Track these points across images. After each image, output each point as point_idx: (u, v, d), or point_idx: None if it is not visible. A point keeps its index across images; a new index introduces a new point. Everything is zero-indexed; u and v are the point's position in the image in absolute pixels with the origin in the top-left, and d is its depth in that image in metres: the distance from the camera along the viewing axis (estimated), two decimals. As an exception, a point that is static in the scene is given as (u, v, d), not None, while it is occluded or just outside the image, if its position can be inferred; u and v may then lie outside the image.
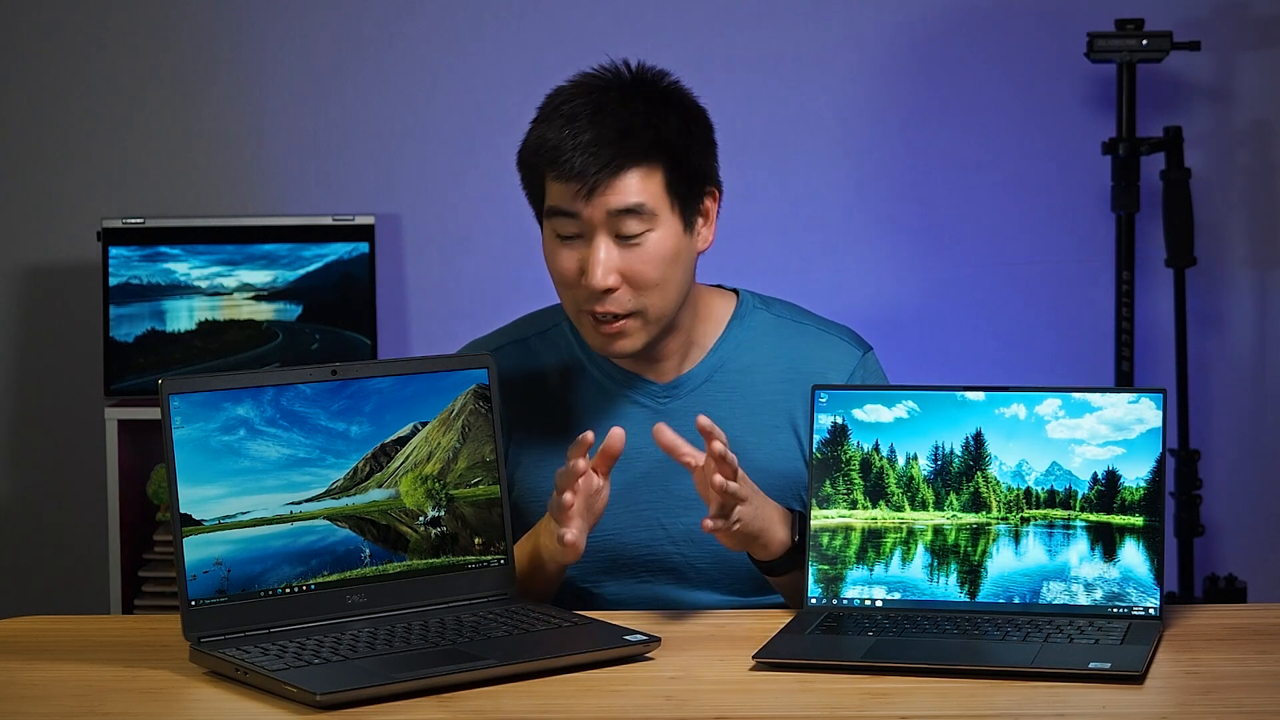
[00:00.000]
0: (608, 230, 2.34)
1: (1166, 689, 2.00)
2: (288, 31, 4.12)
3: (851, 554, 2.26)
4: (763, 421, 2.44)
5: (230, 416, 2.16)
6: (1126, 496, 2.21)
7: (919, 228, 4.11)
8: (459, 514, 2.27)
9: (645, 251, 2.35)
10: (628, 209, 2.34)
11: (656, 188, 2.35)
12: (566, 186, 2.34)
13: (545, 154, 2.36)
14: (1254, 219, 4.11)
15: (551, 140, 2.35)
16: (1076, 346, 4.10)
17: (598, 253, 2.34)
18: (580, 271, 2.35)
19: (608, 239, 2.35)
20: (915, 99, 4.09)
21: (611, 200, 2.33)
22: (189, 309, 3.99)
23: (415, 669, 2.03)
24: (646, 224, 2.35)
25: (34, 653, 2.20)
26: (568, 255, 2.37)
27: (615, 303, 2.35)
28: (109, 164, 4.14)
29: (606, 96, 2.36)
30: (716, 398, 2.45)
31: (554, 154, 2.34)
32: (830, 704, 1.97)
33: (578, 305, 2.38)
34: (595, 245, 2.35)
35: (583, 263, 2.35)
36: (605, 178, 2.33)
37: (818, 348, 2.48)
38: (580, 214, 2.34)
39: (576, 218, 2.34)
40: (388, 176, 4.13)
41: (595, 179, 2.32)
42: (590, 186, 2.33)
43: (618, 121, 2.34)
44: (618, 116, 2.35)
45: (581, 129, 2.34)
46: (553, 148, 2.34)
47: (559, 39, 4.10)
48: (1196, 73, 4.07)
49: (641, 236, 2.35)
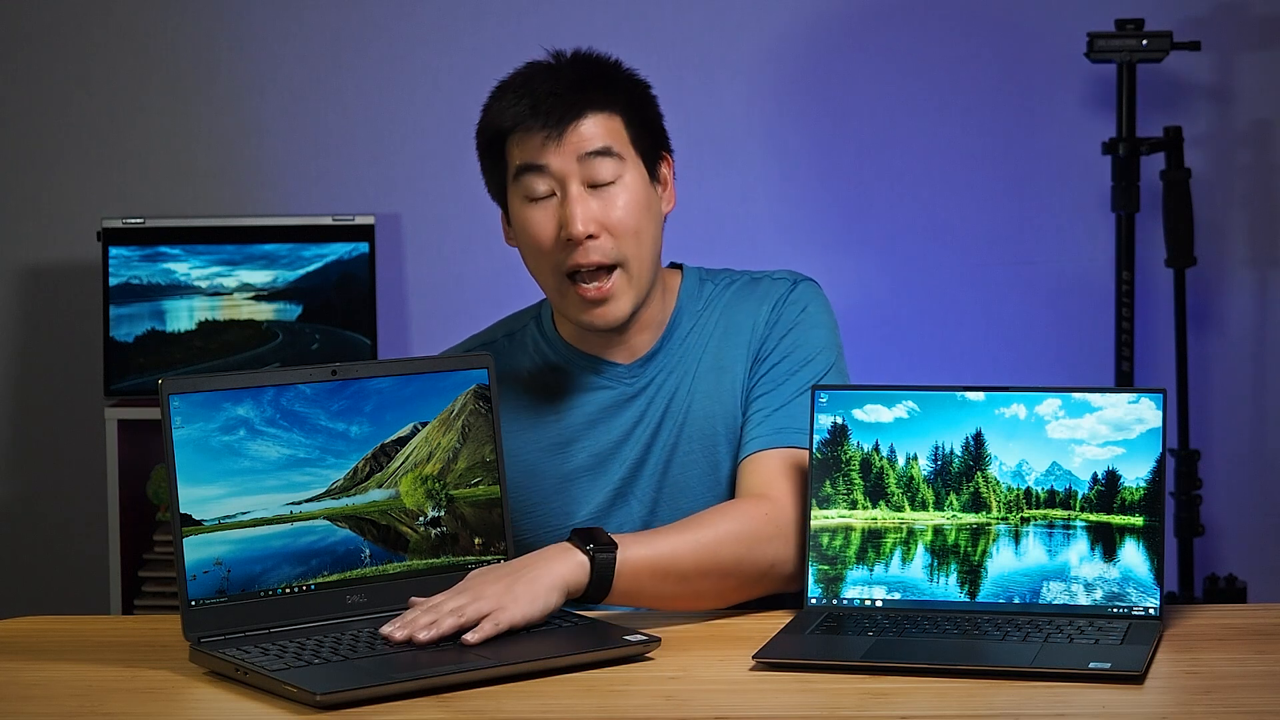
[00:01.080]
0: (580, 179, 2.36)
1: (1166, 689, 2.00)
2: (288, 31, 4.12)
3: (851, 554, 2.26)
4: (710, 382, 2.46)
5: (230, 416, 2.15)
6: (1126, 496, 2.21)
7: (919, 228, 4.11)
8: (459, 514, 2.27)
9: (620, 196, 2.37)
10: (597, 150, 2.36)
11: (619, 134, 2.38)
12: (534, 136, 2.35)
13: (507, 116, 2.37)
14: (1254, 219, 4.11)
15: (510, 103, 2.37)
16: (1076, 346, 4.10)
17: (574, 203, 2.36)
18: (558, 229, 2.36)
19: (581, 187, 2.36)
20: (915, 99, 4.09)
21: (581, 143, 2.36)
22: (189, 309, 3.99)
23: (415, 669, 2.03)
24: (617, 169, 2.37)
25: (34, 653, 2.20)
26: (542, 216, 2.38)
27: (598, 251, 2.36)
28: (109, 164, 4.14)
29: (557, 63, 2.41)
30: (676, 370, 2.46)
31: (517, 112, 2.36)
32: (830, 704, 1.97)
33: (559, 269, 2.38)
34: (570, 195, 2.36)
35: (560, 219, 2.36)
36: (571, 118, 2.35)
37: (748, 294, 2.49)
38: (550, 165, 2.35)
39: (546, 170, 2.36)
40: (388, 176, 4.13)
41: (562, 121, 2.35)
42: (560, 130, 2.35)
43: (572, 74, 2.39)
44: (572, 71, 2.39)
45: (539, 84, 2.37)
46: (514, 106, 2.36)
47: (559, 39, 4.09)
48: (1196, 73, 4.07)
49: (614, 182, 2.37)
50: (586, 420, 2.45)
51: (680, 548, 2.26)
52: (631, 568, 2.22)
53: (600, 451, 2.45)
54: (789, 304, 2.47)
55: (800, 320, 2.46)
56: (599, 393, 2.46)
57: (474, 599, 2.13)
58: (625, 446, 2.45)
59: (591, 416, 2.45)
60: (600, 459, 2.45)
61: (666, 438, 2.45)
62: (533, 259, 2.41)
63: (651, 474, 2.45)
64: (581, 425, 2.45)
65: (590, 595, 2.22)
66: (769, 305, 2.47)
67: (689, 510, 2.38)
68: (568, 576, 2.19)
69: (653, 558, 2.24)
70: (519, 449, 2.44)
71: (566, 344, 2.47)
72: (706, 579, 2.27)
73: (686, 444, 2.44)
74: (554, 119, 2.35)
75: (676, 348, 2.47)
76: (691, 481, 2.44)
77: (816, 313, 2.47)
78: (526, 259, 2.43)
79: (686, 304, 2.49)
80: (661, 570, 2.24)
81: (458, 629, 2.11)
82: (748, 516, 2.30)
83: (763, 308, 2.47)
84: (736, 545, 2.28)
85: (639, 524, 2.43)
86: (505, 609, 2.13)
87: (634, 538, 2.25)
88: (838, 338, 2.47)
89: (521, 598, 2.15)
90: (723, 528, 2.29)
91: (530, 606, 2.15)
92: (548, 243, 2.37)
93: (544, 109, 2.35)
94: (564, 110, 2.35)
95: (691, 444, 2.44)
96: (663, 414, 2.45)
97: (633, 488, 2.45)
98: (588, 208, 2.35)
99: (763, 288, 2.49)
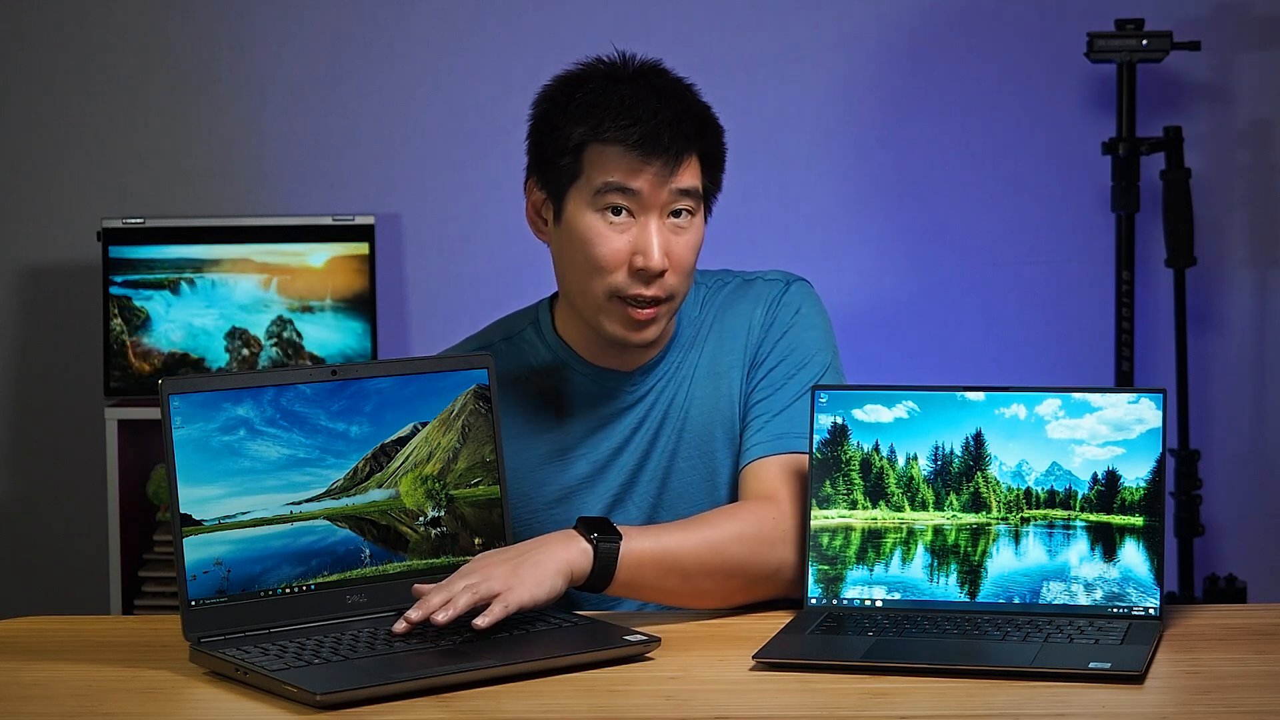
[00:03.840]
0: (661, 212, 2.34)
1: (1166, 689, 2.00)
2: (288, 31, 4.12)
3: (851, 554, 2.26)
4: (707, 388, 2.45)
5: (230, 416, 2.15)
6: (1126, 496, 2.21)
7: (919, 228, 4.11)
8: (459, 514, 2.27)
9: (688, 236, 2.36)
10: (686, 190, 2.35)
11: (699, 176, 2.37)
12: (640, 161, 2.32)
13: (611, 133, 2.33)
14: (1254, 219, 4.11)
15: (614, 119, 2.33)
16: (1076, 346, 4.10)
17: (656, 234, 2.34)
18: (630, 253, 2.34)
19: (660, 220, 2.35)
20: (915, 99, 4.09)
21: (676, 181, 2.34)
22: (189, 309, 4.00)
23: (415, 669, 2.03)
24: (693, 209, 2.37)
25: (34, 653, 2.20)
26: (616, 237, 2.34)
27: (660, 285, 2.35)
28: (109, 164, 4.14)
29: (660, 85, 2.37)
30: (675, 377, 2.46)
31: (623, 135, 2.33)
32: (830, 704, 1.97)
33: (613, 291, 2.35)
34: (651, 226, 2.34)
35: (635, 245, 2.34)
36: (679, 158, 2.34)
37: (741, 297, 2.49)
38: (641, 192, 2.33)
39: (636, 196, 2.33)
40: (388, 176, 4.13)
41: (671, 160, 2.33)
42: (668, 169, 2.33)
43: (686, 105, 2.36)
44: (683, 101, 2.36)
45: (658, 108, 2.34)
46: (618, 126, 2.33)
47: (559, 39, 4.10)
48: (1196, 73, 4.07)
49: (688, 220, 2.36)
50: (586, 429, 2.45)
51: (685, 544, 2.26)
52: (635, 559, 2.23)
53: (599, 460, 2.44)
54: (783, 306, 2.47)
55: (795, 322, 2.46)
56: (599, 401, 2.45)
57: (484, 579, 2.14)
58: (624, 454, 2.44)
59: (591, 425, 2.45)
60: (599, 467, 2.44)
61: (665, 444, 2.44)
62: (584, 271, 2.37)
63: (650, 481, 2.44)
64: (581, 434, 2.45)
65: (592, 584, 2.23)
66: (763, 308, 2.47)
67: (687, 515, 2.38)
68: (571, 562, 2.20)
69: (656, 551, 2.24)
70: (518, 458, 2.43)
71: (568, 349, 2.46)
72: (710, 577, 2.27)
73: (685, 450, 2.44)
74: (666, 156, 2.32)
75: (676, 355, 2.46)
76: (690, 487, 2.44)
77: (810, 314, 2.47)
78: (572, 267, 2.39)
79: (686, 311, 2.48)
80: (665, 564, 2.24)
81: (472, 606, 2.11)
82: (756, 518, 2.30)
83: (756, 310, 2.47)
84: (742, 545, 2.28)
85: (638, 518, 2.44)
86: (513, 590, 2.14)
87: (640, 530, 2.26)
88: (833, 337, 2.47)
89: (528, 580, 2.15)
90: (730, 528, 2.29)
91: (537, 589, 2.15)
92: (613, 263, 2.35)
93: (660, 143, 2.32)
94: (677, 149, 2.32)
95: (690, 450, 2.44)
96: (661, 420, 2.45)
97: (631, 494, 2.44)
98: (665, 241, 2.34)
99: (755, 290, 2.49)
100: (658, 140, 2.32)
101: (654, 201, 2.34)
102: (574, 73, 2.41)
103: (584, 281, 2.37)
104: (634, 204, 2.34)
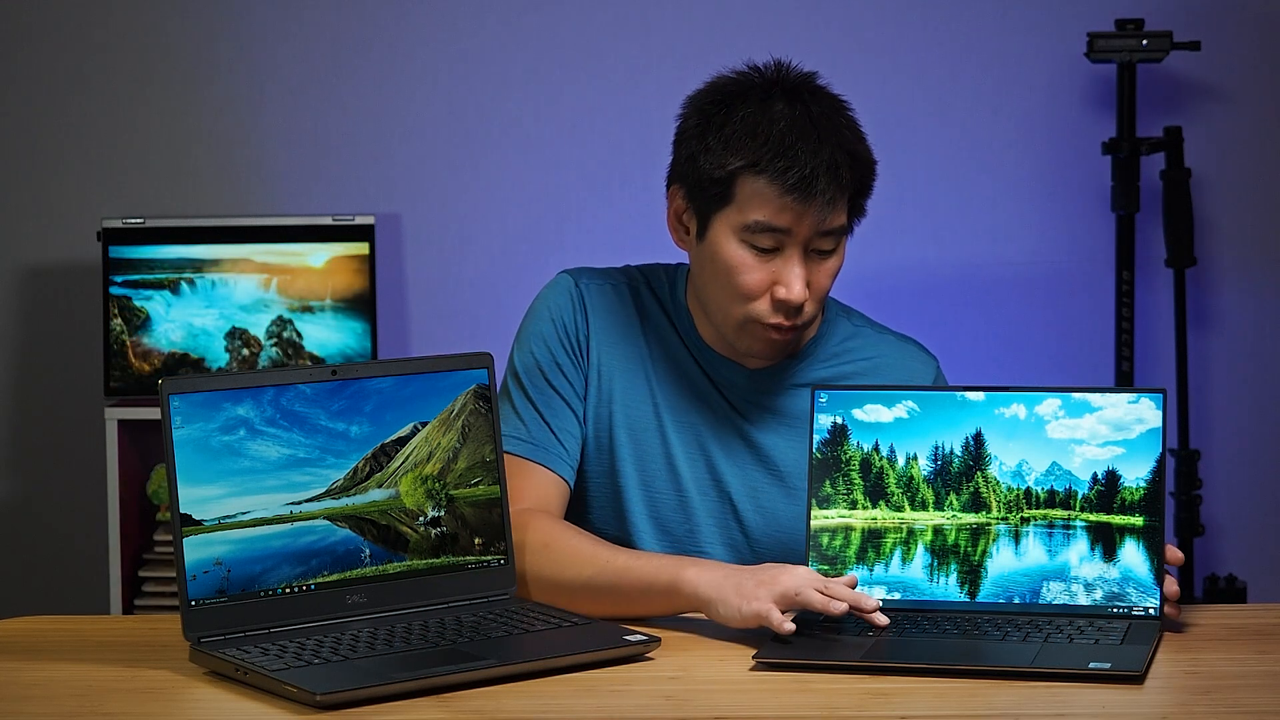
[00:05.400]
0: (805, 246, 2.34)
1: (1166, 689, 2.00)
2: (288, 31, 4.12)
3: (851, 554, 2.26)
4: None
5: (230, 416, 2.15)
6: (1126, 496, 2.21)
7: (919, 227, 4.11)
8: (459, 514, 2.27)
9: (829, 264, 2.37)
10: (832, 231, 2.35)
11: (845, 212, 2.37)
12: (794, 203, 2.32)
13: (767, 168, 2.32)
14: (1254, 219, 4.11)
15: (782, 159, 2.31)
16: (1076, 346, 4.10)
17: (799, 266, 2.34)
18: (770, 282, 2.34)
19: (803, 254, 2.35)
20: (915, 98, 4.09)
21: (826, 222, 2.34)
22: (189, 309, 4.00)
23: (415, 669, 2.03)
24: (836, 245, 2.37)
25: (34, 653, 2.20)
26: (760, 268, 2.35)
27: (799, 315, 2.36)
28: (109, 164, 4.14)
29: (820, 117, 2.35)
30: (799, 394, 2.46)
31: (779, 174, 2.31)
32: (830, 704, 1.97)
33: (754, 317, 2.37)
34: (795, 260, 2.34)
35: (775, 276, 2.34)
36: (838, 200, 2.33)
37: (899, 357, 2.50)
38: (791, 229, 2.33)
39: (787, 233, 2.33)
40: (388, 176, 4.13)
41: (832, 200, 2.32)
42: (827, 209, 2.32)
43: (844, 145, 2.35)
44: (841, 140, 2.35)
45: (817, 148, 2.32)
46: (775, 162, 2.31)
47: (558, 39, 4.10)
48: (1196, 73, 4.07)
49: (828, 255, 2.37)
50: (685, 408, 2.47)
51: None
52: None
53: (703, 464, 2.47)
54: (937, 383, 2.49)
55: None
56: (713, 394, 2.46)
57: None
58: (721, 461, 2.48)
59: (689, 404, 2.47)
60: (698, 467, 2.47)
61: None
62: (726, 294, 2.37)
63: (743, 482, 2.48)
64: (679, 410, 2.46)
65: None
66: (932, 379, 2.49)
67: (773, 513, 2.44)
68: None
69: None
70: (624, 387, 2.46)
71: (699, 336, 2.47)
72: None
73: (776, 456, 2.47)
74: (822, 200, 2.31)
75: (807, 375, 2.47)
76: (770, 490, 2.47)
77: None
78: (713, 285, 2.39)
79: (829, 331, 2.50)
80: None
81: None
82: None
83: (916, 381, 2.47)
84: None
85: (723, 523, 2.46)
86: None
87: None
88: None
89: None
90: None
91: None
92: (757, 293, 2.35)
93: (814, 190, 2.30)
94: (833, 194, 2.32)
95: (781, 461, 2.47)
96: None
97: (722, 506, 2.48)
98: (808, 273, 2.35)
99: (911, 354, 2.50)
100: (813, 185, 2.31)
101: (802, 238, 2.34)
102: (727, 84, 2.39)
103: (724, 304, 2.38)
104: (781, 240, 2.34)
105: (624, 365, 2.47)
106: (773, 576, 2.16)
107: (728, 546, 2.44)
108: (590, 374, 2.46)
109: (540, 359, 2.45)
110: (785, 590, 2.14)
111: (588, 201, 4.11)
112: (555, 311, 2.47)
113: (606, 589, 2.26)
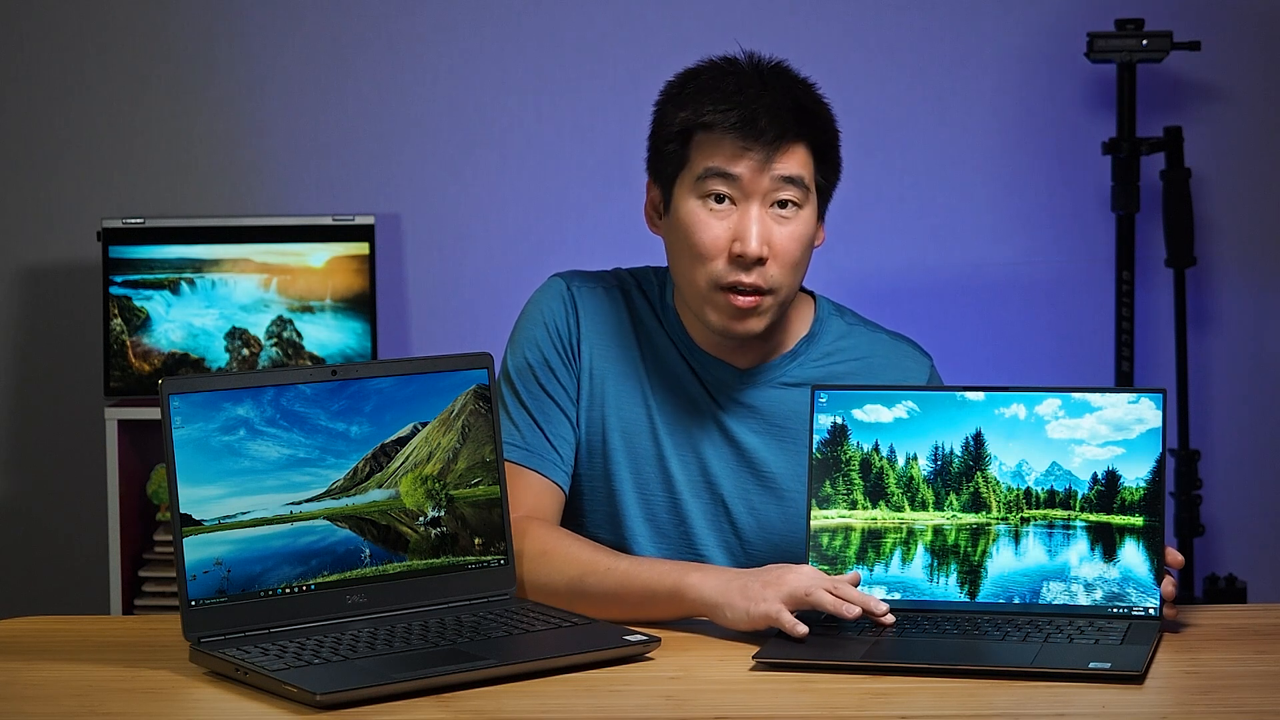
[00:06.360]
0: (764, 200, 2.35)
1: (1166, 689, 2.00)
2: (287, 32, 4.12)
3: (851, 554, 2.26)
4: None
5: (230, 416, 2.16)
6: (1126, 496, 2.21)
7: (919, 227, 4.11)
8: (459, 514, 2.27)
9: (794, 228, 2.37)
10: (790, 178, 2.35)
11: (809, 167, 2.38)
12: (734, 146, 2.34)
13: (710, 117, 2.35)
14: (1254, 219, 4.11)
15: (714, 105, 2.35)
16: (1076, 346, 4.10)
17: (755, 221, 2.34)
18: (730, 240, 2.35)
19: (762, 209, 2.35)
20: (915, 98, 4.09)
21: (780, 167, 2.35)
22: (189, 309, 4.00)
23: (415, 669, 2.03)
24: (800, 199, 2.37)
25: (34, 653, 2.20)
26: (717, 224, 2.36)
27: (760, 275, 2.35)
28: (109, 164, 4.14)
29: (762, 77, 2.38)
30: (789, 393, 2.46)
31: (723, 118, 2.34)
32: (830, 704, 1.97)
33: (715, 279, 2.36)
34: (751, 213, 2.35)
35: (734, 232, 2.35)
36: (784, 143, 2.35)
37: (893, 355, 2.50)
38: (742, 178, 2.34)
39: (737, 181, 2.35)
40: (388, 176, 4.13)
41: (771, 143, 2.34)
42: (767, 152, 2.34)
43: (785, 96, 2.37)
44: (783, 92, 2.37)
45: (750, 96, 2.35)
46: (720, 110, 2.34)
47: (558, 39, 4.10)
48: (1196, 73, 4.07)
49: (793, 212, 2.36)
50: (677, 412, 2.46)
51: None
52: None
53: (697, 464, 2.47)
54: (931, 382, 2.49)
55: None
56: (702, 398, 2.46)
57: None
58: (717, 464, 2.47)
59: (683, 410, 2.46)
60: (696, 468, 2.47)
61: None
62: (688, 260, 2.38)
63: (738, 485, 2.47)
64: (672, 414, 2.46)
65: None
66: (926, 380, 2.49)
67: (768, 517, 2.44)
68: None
69: None
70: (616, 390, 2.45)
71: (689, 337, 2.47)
72: None
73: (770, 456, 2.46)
74: (765, 139, 2.33)
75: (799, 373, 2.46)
76: None
77: None
78: (679, 257, 2.40)
79: (821, 330, 2.50)
80: None
81: None
82: None
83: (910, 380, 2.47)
84: None
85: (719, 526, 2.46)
86: None
87: None
88: None
89: None
90: None
91: None
92: (714, 250, 2.36)
93: (757, 126, 2.33)
94: (776, 132, 2.34)
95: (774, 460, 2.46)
96: None
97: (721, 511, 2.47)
98: (765, 229, 2.35)
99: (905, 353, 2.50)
100: (755, 122, 2.33)
101: (755, 188, 2.35)
102: (694, 67, 2.43)
103: (689, 271, 2.38)
104: (736, 191, 2.35)
105: (616, 368, 2.47)
106: (778, 577, 2.16)
107: (723, 548, 2.44)
108: (583, 377, 2.46)
109: (533, 362, 2.45)
110: (794, 591, 2.14)
111: (587, 201, 4.11)
112: (547, 315, 2.47)
113: (607, 595, 2.26)
